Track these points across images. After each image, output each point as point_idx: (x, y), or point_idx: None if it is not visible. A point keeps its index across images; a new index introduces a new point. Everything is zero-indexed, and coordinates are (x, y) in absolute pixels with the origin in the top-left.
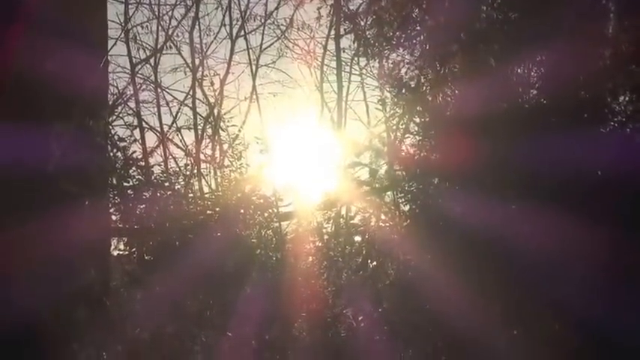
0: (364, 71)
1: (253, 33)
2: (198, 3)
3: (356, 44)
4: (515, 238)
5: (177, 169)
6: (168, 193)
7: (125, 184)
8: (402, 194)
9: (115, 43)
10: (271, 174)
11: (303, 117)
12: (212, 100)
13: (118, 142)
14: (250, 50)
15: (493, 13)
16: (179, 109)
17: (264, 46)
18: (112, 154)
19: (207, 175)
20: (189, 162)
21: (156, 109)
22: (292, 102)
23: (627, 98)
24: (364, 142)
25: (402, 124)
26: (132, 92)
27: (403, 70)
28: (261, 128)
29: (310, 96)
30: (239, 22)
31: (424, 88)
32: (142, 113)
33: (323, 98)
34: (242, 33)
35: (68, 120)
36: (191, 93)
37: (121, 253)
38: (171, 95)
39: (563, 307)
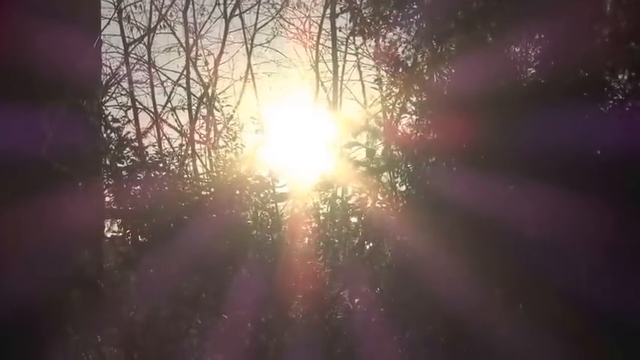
0: (360, 50)
1: (248, 12)
2: None
3: (352, 23)
4: (514, 218)
5: (172, 150)
6: (163, 174)
7: (119, 165)
8: (399, 174)
9: (109, 23)
10: (267, 154)
11: (299, 97)
12: (206, 80)
13: (111, 123)
14: (245, 29)
15: None
16: (173, 89)
17: (258, 26)
18: (105, 134)
19: (201, 155)
20: (183, 142)
21: (149, 89)
22: (287, 82)
23: (626, 76)
24: (360, 122)
25: (398, 104)
26: (125, 72)
27: (400, 49)
28: (256, 108)
29: (306, 76)
30: (233, 1)
31: (421, 67)
32: (135, 93)
33: (318, 78)
34: (236, 12)
35: (61, 101)
36: (185, 73)
37: (115, 234)
38: (164, 75)
39: (565, 287)
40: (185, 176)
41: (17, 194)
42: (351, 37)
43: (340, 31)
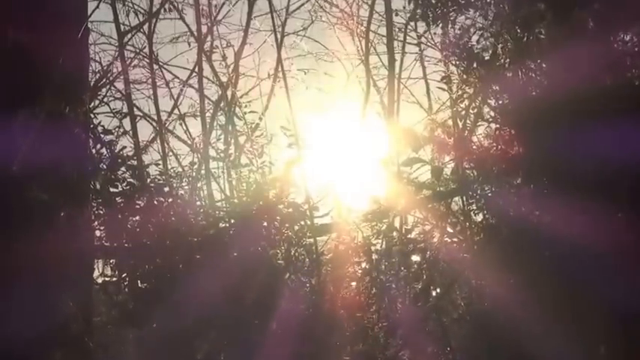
0: (423, 40)
1: None
2: None
3: (412, 4)
4: (624, 258)
5: (180, 170)
6: (169, 200)
7: (113, 189)
8: (474, 200)
9: (98, 6)
10: (303, 175)
11: (344, 100)
12: (224, 80)
13: (102, 135)
14: (274, 13)
15: None
16: (181, 91)
17: (291, 8)
18: (94, 150)
19: (219, 177)
20: (195, 160)
21: (151, 91)
22: (329, 81)
23: None
24: (424, 132)
25: (473, 109)
26: (120, 70)
27: (474, 38)
28: (290, 115)
29: (353, 73)
30: None
31: (502, 60)
32: (133, 97)
33: (369, 75)
34: None
35: (37, 106)
36: (197, 70)
37: (107, 279)
38: (171, 73)
39: None
40: (198, 203)
41: None
42: (412, 23)
43: (397, 15)
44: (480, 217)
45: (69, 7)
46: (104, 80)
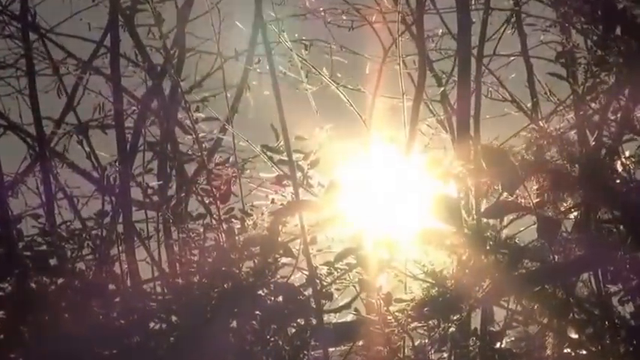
0: None
1: None
2: None
3: None
4: None
5: (80, 226)
6: (59, 282)
7: None
8: (618, 281)
9: None
10: (304, 233)
11: (378, 97)
12: (159, 61)
13: None
14: None
15: None
16: (80, 80)
17: None
18: None
19: (149, 238)
20: (107, 208)
21: (26, 81)
22: (352, 62)
23: None
24: (524, 154)
25: (615, 112)
26: None
27: None
28: (279, 125)
29: (393, 46)
30: None
31: None
32: None
33: (423, 51)
34: None
35: None
36: (109, 43)
37: None
38: (61, 49)
39: None
40: (111, 287)
41: None
42: None
43: None
44: (630, 309)
45: None
46: None
